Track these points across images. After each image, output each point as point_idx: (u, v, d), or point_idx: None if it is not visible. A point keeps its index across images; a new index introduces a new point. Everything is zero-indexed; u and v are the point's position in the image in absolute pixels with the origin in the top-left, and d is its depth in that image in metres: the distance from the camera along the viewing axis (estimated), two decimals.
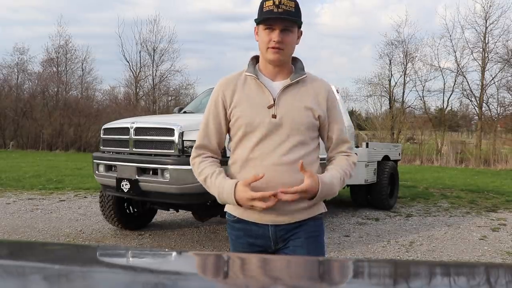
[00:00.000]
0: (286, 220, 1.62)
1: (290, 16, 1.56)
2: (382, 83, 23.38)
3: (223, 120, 1.68)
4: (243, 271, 0.77)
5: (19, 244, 0.89)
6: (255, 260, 0.87)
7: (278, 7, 1.54)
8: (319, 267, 0.79)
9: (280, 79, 1.67)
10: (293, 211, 1.62)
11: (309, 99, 1.64)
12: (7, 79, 24.06)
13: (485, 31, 20.09)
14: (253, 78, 1.65)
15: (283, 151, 1.59)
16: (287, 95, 1.63)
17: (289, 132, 1.60)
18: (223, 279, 0.68)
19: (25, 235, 5.11)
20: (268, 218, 1.61)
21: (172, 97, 26.39)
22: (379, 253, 4.69)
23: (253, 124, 1.61)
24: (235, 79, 1.70)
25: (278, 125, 1.60)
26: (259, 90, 1.64)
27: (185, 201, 4.39)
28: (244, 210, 1.63)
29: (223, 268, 0.76)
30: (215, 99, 1.70)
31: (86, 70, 25.87)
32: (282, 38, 1.58)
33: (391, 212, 6.95)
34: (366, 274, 0.76)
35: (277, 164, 1.59)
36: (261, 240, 1.65)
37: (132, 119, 4.84)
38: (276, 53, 1.59)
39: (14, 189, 8.49)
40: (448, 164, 17.53)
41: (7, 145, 21.67)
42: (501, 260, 4.54)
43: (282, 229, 1.63)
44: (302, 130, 1.61)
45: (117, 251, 0.94)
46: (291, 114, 1.61)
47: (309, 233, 1.66)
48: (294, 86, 1.65)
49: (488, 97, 20.48)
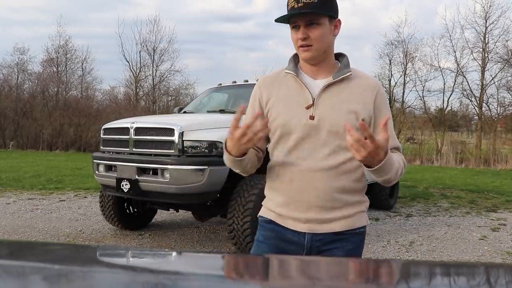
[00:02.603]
0: (325, 229, 1.50)
1: (311, 9, 1.41)
2: (382, 83, 23.12)
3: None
4: (243, 271, 0.77)
5: (19, 244, 0.89)
6: (255, 260, 0.87)
7: (298, 2, 1.41)
8: (318, 267, 0.79)
9: (322, 77, 1.53)
10: (333, 220, 1.50)
11: (353, 99, 1.48)
12: (7, 79, 24.08)
13: (485, 31, 20.08)
14: (293, 76, 1.52)
15: (321, 156, 1.47)
16: (328, 95, 1.49)
17: (328, 135, 1.46)
18: (223, 279, 0.68)
19: (25, 235, 5.11)
20: (305, 226, 1.50)
21: (172, 97, 26.41)
22: (379, 253, 4.69)
23: (289, 125, 1.49)
24: (274, 77, 1.59)
25: (316, 127, 1.47)
26: (299, 89, 1.51)
27: (185, 201, 4.39)
28: (278, 215, 1.55)
29: (223, 268, 0.76)
30: (253, 98, 1.60)
31: (86, 70, 25.93)
32: (308, 33, 1.45)
33: (391, 212, 6.95)
34: (366, 274, 0.76)
35: (314, 169, 1.47)
36: (294, 246, 1.52)
37: (132, 119, 4.84)
38: (306, 51, 1.47)
39: (14, 189, 8.49)
40: (448, 164, 17.53)
41: (7, 145, 21.66)
42: (501, 260, 4.54)
43: (319, 240, 1.50)
44: (342, 134, 1.42)
45: (117, 251, 0.94)
46: (330, 116, 1.46)
47: (347, 251, 1.52)
48: (337, 85, 1.50)
49: (488, 97, 20.48)
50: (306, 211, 1.50)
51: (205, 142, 4.22)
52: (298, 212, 1.51)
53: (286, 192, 1.53)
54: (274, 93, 1.55)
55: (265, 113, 1.56)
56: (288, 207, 1.53)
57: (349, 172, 1.49)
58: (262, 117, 1.48)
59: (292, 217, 1.52)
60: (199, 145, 4.22)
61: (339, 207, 1.49)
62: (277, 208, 1.56)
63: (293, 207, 1.52)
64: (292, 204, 1.52)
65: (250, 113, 1.59)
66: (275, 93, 1.55)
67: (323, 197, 1.48)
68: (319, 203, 1.48)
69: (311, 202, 1.48)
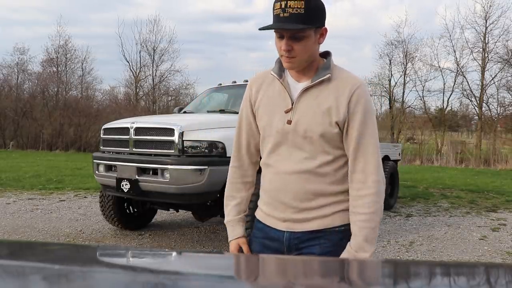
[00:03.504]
0: (301, 228, 1.52)
1: (297, 22, 1.36)
2: (382, 83, 23.35)
3: (252, 118, 1.61)
4: (244, 271, 0.77)
5: (19, 244, 0.89)
6: (255, 260, 0.87)
7: (284, 11, 1.36)
8: (318, 267, 0.79)
9: (305, 80, 1.50)
10: (308, 219, 1.51)
11: (329, 102, 1.45)
12: (7, 79, 24.12)
13: (485, 31, 20.12)
14: (277, 79, 1.52)
15: (298, 159, 1.48)
16: (306, 99, 1.47)
17: (304, 140, 1.47)
18: (223, 279, 0.68)
19: (25, 235, 5.11)
20: (283, 224, 1.55)
21: (172, 97, 26.44)
22: (379, 253, 4.69)
23: (269, 129, 1.51)
24: (263, 78, 1.59)
25: (293, 131, 1.47)
26: (281, 93, 1.51)
27: (185, 201, 4.39)
28: (264, 214, 1.61)
29: (223, 268, 0.76)
30: (245, 98, 1.63)
31: (86, 70, 25.99)
32: (292, 45, 1.41)
33: (391, 212, 6.95)
34: (366, 274, 0.76)
35: (290, 172, 1.49)
36: (276, 244, 1.58)
37: (132, 119, 4.84)
38: (288, 62, 1.45)
39: (14, 189, 8.49)
40: (448, 164, 17.54)
41: (7, 145, 21.67)
42: (501, 260, 4.54)
43: (297, 238, 1.53)
44: (316, 139, 1.45)
45: (117, 251, 0.94)
46: (305, 120, 1.46)
47: (325, 248, 1.51)
48: (316, 88, 1.47)
49: (488, 97, 20.51)
50: (283, 210, 1.55)
51: (205, 142, 4.22)
52: (277, 211, 1.56)
53: (268, 192, 1.59)
54: (261, 94, 1.58)
55: (254, 111, 1.60)
56: (269, 206, 1.59)
57: (326, 175, 1.49)
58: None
59: (273, 215, 1.58)
60: (199, 145, 4.22)
61: (314, 208, 1.51)
62: (263, 206, 1.63)
63: (273, 206, 1.58)
64: (272, 203, 1.58)
65: (244, 112, 1.64)
66: (261, 94, 1.57)
67: (298, 198, 1.51)
68: (294, 204, 1.52)
69: (287, 203, 1.53)
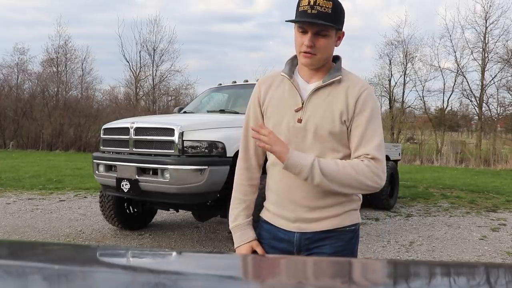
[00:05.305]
0: (312, 228, 1.53)
1: (324, 20, 1.41)
2: (382, 83, 23.38)
3: (260, 118, 1.63)
4: (243, 271, 0.77)
5: (19, 244, 0.89)
6: (255, 260, 0.87)
7: (313, 8, 1.41)
8: (317, 267, 0.79)
9: (315, 80, 1.55)
10: (320, 219, 1.53)
11: (338, 102, 1.50)
12: (7, 79, 24.10)
13: (485, 31, 20.13)
14: (287, 79, 1.56)
15: None
16: (316, 98, 1.52)
17: (314, 138, 1.50)
18: (223, 279, 0.68)
19: (25, 235, 5.11)
20: (294, 225, 1.55)
21: (172, 97, 26.46)
22: (379, 253, 4.69)
23: (279, 127, 1.53)
24: (272, 78, 1.62)
25: (303, 130, 1.50)
26: (291, 92, 1.55)
27: (185, 201, 4.39)
28: (272, 214, 1.61)
29: (223, 268, 0.76)
30: (254, 97, 1.65)
31: (86, 70, 25.99)
32: (315, 42, 1.45)
33: (391, 212, 6.95)
34: (366, 274, 0.76)
35: None
36: (285, 244, 1.58)
37: (132, 119, 4.84)
38: (308, 58, 1.48)
39: (14, 189, 8.49)
40: (448, 164, 17.54)
41: (7, 145, 21.66)
42: (501, 260, 4.54)
43: (307, 238, 1.54)
44: (325, 137, 1.49)
45: (117, 251, 0.94)
46: (315, 119, 1.49)
47: (335, 248, 1.53)
48: (326, 88, 1.52)
49: (488, 97, 20.53)
50: (294, 210, 1.54)
51: (205, 142, 4.22)
52: (287, 211, 1.56)
53: (277, 192, 1.58)
54: (270, 94, 1.60)
55: (262, 111, 1.62)
56: (278, 206, 1.59)
57: None
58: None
59: (282, 216, 1.58)
60: (199, 145, 4.22)
61: (326, 207, 1.52)
62: (271, 206, 1.62)
63: (282, 206, 1.57)
64: (282, 203, 1.57)
65: (252, 110, 1.66)
66: (271, 94, 1.60)
67: (310, 197, 1.51)
68: (306, 203, 1.52)
69: (298, 202, 1.53)
